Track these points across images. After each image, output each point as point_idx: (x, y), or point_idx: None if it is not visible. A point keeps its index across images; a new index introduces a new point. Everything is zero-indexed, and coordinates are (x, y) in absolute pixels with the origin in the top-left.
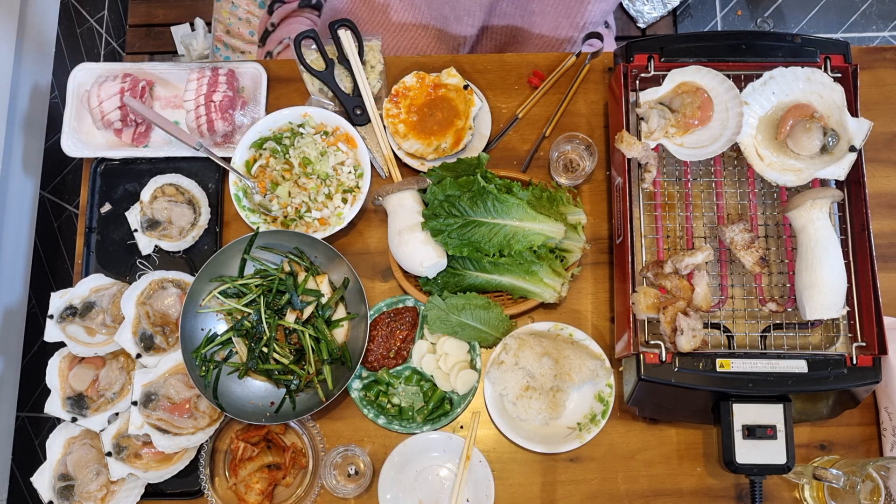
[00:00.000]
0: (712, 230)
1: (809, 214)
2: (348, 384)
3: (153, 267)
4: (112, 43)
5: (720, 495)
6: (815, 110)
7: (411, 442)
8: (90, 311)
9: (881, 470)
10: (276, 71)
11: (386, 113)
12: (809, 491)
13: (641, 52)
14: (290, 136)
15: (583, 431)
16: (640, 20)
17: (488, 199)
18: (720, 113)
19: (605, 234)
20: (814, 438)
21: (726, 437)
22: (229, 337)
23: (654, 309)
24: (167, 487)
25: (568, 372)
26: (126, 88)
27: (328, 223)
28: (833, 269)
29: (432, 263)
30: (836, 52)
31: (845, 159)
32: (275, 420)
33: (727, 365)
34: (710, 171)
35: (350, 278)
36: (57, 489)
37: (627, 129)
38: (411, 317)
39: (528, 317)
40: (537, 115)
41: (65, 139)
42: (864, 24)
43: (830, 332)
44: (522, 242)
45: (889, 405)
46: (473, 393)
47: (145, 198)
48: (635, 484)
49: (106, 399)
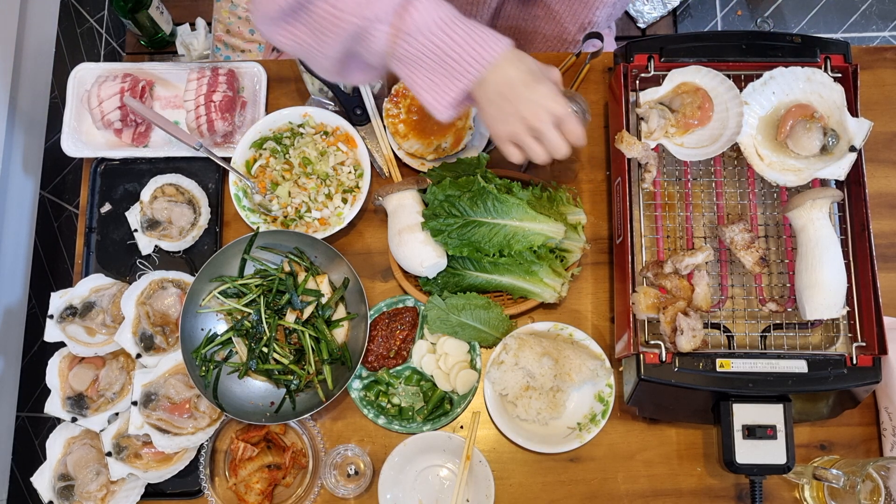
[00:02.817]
0: (712, 230)
1: (809, 214)
2: (348, 384)
3: (153, 267)
4: (112, 43)
5: (720, 495)
6: (815, 110)
7: (411, 442)
8: (90, 311)
9: (881, 470)
10: (276, 71)
11: (386, 113)
12: (809, 491)
13: (641, 52)
14: (290, 136)
15: (583, 431)
16: (640, 20)
17: (488, 199)
18: (720, 113)
19: (605, 234)
20: (814, 438)
21: (726, 437)
22: (229, 337)
23: (654, 309)
24: (167, 487)
25: (568, 372)
26: (126, 88)
27: (328, 223)
28: (833, 269)
29: (432, 263)
30: (836, 52)
31: (845, 159)
32: (275, 420)
33: (727, 365)
34: (710, 171)
35: (350, 278)
36: (57, 489)
37: (627, 129)
38: (411, 317)
39: (528, 317)
40: None
41: (65, 139)
42: (864, 24)
43: (830, 332)
44: (522, 242)
45: (889, 405)
46: (473, 393)
47: (145, 198)
48: (635, 484)
49: (106, 399)
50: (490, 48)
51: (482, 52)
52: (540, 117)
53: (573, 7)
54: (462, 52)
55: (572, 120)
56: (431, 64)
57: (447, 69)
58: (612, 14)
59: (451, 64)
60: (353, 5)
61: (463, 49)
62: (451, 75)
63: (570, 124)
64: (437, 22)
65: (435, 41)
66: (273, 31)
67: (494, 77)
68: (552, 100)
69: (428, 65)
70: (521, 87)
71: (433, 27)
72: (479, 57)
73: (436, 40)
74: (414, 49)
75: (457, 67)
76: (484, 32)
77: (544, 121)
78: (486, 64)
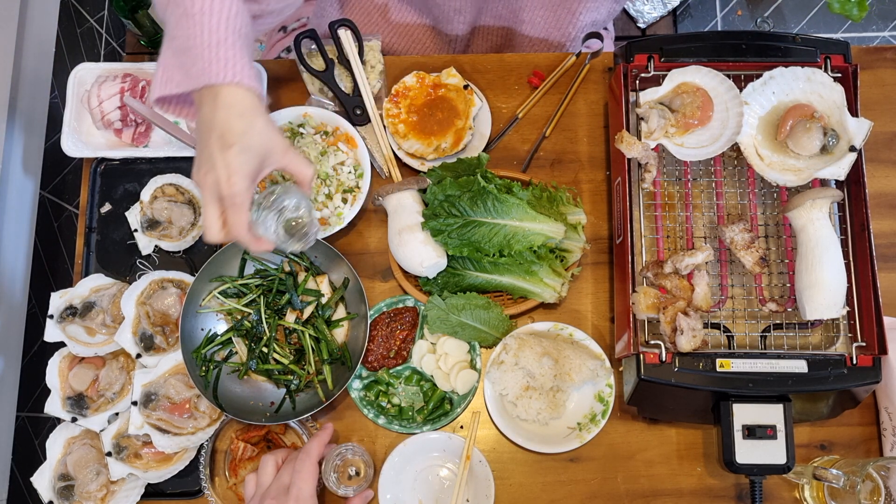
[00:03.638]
0: (712, 230)
1: (809, 214)
2: (348, 384)
3: (153, 267)
4: (112, 43)
5: (720, 495)
6: (815, 110)
7: (411, 442)
8: (90, 311)
9: (881, 470)
10: (276, 71)
11: (386, 113)
12: (809, 491)
13: (641, 52)
14: (290, 136)
15: (583, 431)
16: (640, 20)
17: (488, 199)
18: (720, 113)
19: (605, 234)
20: (814, 438)
21: (726, 437)
22: (229, 337)
23: (654, 309)
24: (167, 487)
25: (568, 372)
26: (126, 88)
27: (328, 223)
28: (833, 269)
29: (432, 263)
30: (836, 52)
31: (845, 159)
32: (275, 420)
33: (727, 365)
34: (710, 171)
35: (350, 278)
36: (57, 489)
37: (627, 129)
38: (411, 317)
39: (528, 317)
40: (537, 115)
41: (65, 139)
42: (864, 24)
43: (830, 332)
44: (522, 242)
45: (889, 405)
46: (473, 393)
47: (145, 198)
48: (635, 484)
49: (106, 399)
50: (223, 71)
51: (216, 68)
52: (206, 184)
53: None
54: (204, 52)
55: (237, 212)
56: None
57: (185, 58)
58: (597, 20)
59: (190, 55)
60: None
61: (207, 50)
62: (184, 68)
63: (232, 215)
64: (203, 4)
65: (190, 24)
66: None
67: (208, 106)
68: (233, 174)
69: (175, 44)
70: (215, 140)
71: (195, 9)
72: (209, 71)
73: (190, 24)
74: (171, 20)
75: (192, 65)
76: (237, 54)
77: (208, 189)
78: (207, 81)
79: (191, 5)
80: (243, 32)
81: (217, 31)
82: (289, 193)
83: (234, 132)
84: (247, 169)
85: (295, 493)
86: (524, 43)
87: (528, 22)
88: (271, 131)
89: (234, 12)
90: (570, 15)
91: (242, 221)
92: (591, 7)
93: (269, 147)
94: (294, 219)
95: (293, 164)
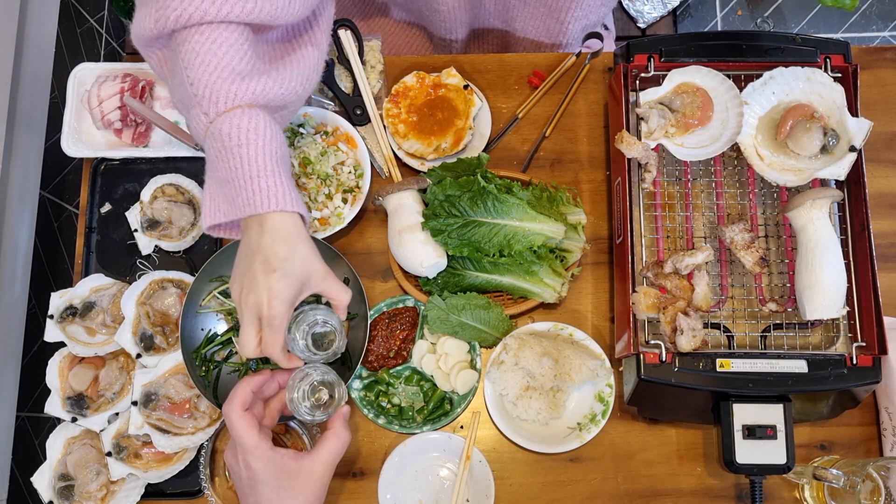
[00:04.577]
0: (712, 230)
1: (809, 214)
2: (348, 384)
3: (153, 267)
4: (112, 43)
5: (720, 495)
6: (815, 110)
7: (411, 442)
8: (90, 311)
9: (881, 470)
10: None
11: (386, 113)
12: (809, 491)
13: (641, 52)
14: (289, 136)
15: (583, 431)
16: (640, 20)
17: (488, 199)
18: (720, 113)
19: (605, 234)
20: (814, 438)
21: (726, 437)
22: (229, 337)
23: (654, 309)
24: (167, 487)
25: (568, 372)
26: (126, 88)
27: (328, 223)
28: (833, 269)
29: (432, 263)
30: (836, 52)
31: (845, 159)
32: None
33: (727, 365)
34: (710, 171)
35: (350, 278)
36: (57, 489)
37: (627, 129)
38: (411, 317)
39: (528, 317)
40: (537, 115)
41: (65, 139)
42: (864, 24)
43: (830, 332)
44: (522, 242)
45: (889, 405)
46: (473, 393)
47: (145, 198)
48: (635, 484)
49: (106, 399)
50: (266, 201)
51: (259, 198)
52: (247, 304)
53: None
54: (246, 184)
55: (275, 333)
56: (220, 176)
57: (229, 189)
58: (587, 26)
59: (234, 187)
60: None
61: (249, 181)
62: (229, 198)
63: (269, 335)
64: (239, 136)
65: (229, 157)
66: (144, 50)
67: (255, 230)
68: (274, 297)
69: (218, 176)
70: (259, 264)
71: (233, 143)
72: (253, 201)
73: (230, 157)
74: (211, 153)
75: (236, 196)
76: (276, 181)
77: (248, 309)
78: (252, 211)
79: (228, 139)
80: (279, 154)
81: (256, 161)
82: (318, 311)
83: (278, 257)
84: (287, 293)
85: (242, 454)
86: (519, 44)
87: (521, 30)
88: (313, 257)
89: (268, 137)
90: (559, 25)
91: (279, 342)
92: (578, 16)
93: (309, 273)
94: (322, 333)
95: (331, 291)
